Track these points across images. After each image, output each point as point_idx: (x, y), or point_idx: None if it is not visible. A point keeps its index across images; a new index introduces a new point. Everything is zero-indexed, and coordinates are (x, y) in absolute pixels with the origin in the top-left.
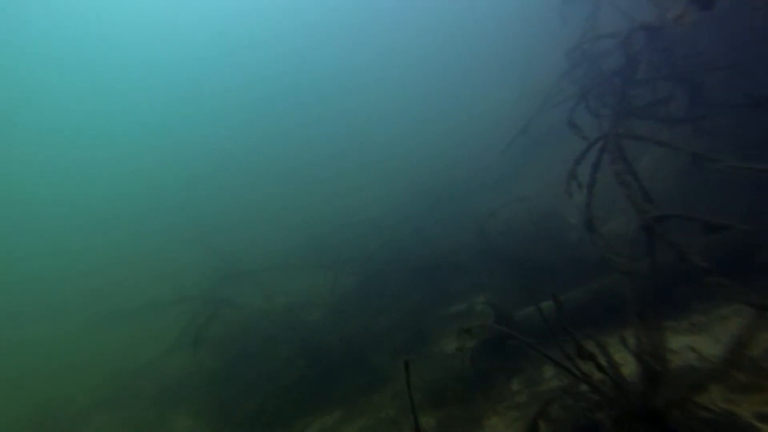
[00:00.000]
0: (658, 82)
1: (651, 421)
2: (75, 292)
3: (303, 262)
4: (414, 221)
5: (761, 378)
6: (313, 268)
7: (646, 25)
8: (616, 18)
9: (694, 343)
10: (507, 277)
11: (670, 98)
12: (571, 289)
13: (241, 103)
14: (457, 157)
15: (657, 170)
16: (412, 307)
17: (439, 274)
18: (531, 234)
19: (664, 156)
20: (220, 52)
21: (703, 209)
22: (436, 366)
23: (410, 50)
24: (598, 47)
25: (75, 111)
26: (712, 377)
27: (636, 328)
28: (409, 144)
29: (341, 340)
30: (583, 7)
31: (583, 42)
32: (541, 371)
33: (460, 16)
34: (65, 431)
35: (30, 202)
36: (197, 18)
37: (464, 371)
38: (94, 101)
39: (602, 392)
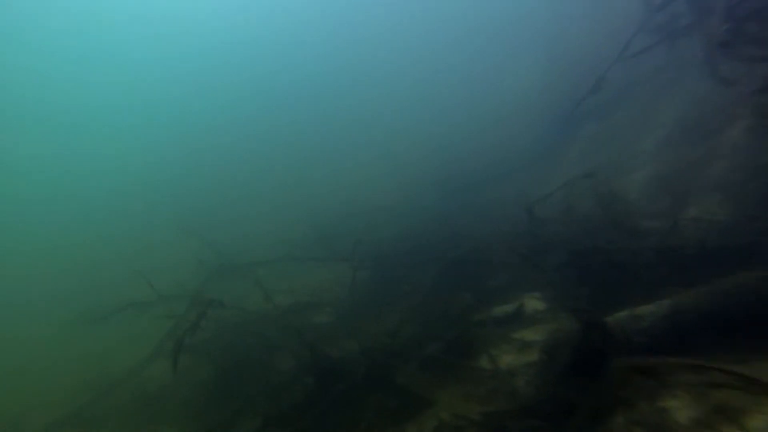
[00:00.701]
0: None
1: None
2: (47, 290)
3: (308, 255)
4: (435, 209)
5: None
6: (319, 261)
7: None
8: None
9: None
10: (566, 271)
11: None
12: (668, 291)
13: (246, 88)
14: (480, 140)
15: (751, 143)
16: (444, 309)
17: (472, 269)
18: (596, 220)
19: (757, 126)
20: (220, 41)
21: None
22: (491, 389)
23: (426, 27)
24: None
25: (54, 103)
26: None
27: None
28: (425, 127)
29: (363, 352)
30: None
31: None
32: (660, 406)
33: None
34: None
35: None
36: (198, 11)
37: (537, 400)
38: (81, 92)
39: None
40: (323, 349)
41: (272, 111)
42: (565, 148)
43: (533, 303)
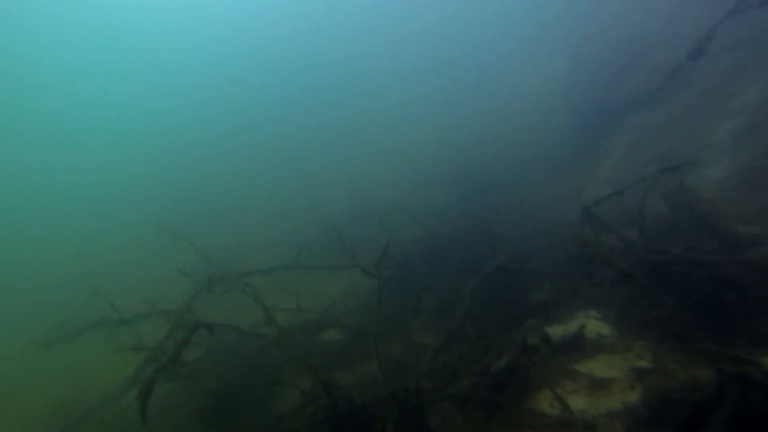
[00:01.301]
0: None
1: None
2: (29, 303)
3: (316, 262)
4: (455, 211)
5: None
6: (330, 269)
7: None
8: None
9: None
10: (636, 286)
11: None
12: None
13: (260, 94)
14: (504, 138)
15: None
16: (485, 330)
17: (507, 280)
18: (673, 223)
19: None
20: (234, 46)
21: None
22: None
23: (443, 20)
24: None
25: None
26: None
27: None
28: (443, 124)
29: (386, 385)
30: None
31: None
32: None
33: None
34: None
35: None
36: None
37: None
38: (79, 102)
39: None
40: (337, 379)
41: (284, 117)
42: (609, 141)
43: (594, 325)
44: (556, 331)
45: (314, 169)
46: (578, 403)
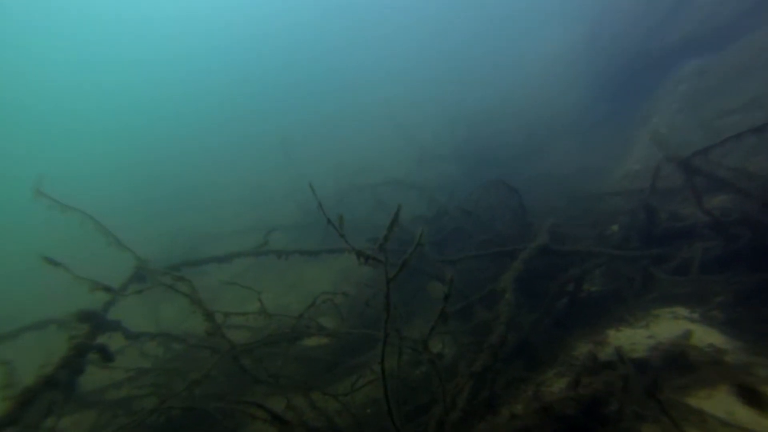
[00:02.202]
0: None
1: None
2: None
3: (294, 244)
4: (464, 185)
5: None
6: (311, 256)
7: None
8: None
9: None
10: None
11: None
12: None
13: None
14: (520, 109)
15: None
16: (519, 336)
17: (545, 267)
18: None
19: None
20: (217, 32)
21: None
22: None
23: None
24: None
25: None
26: None
27: None
28: (447, 98)
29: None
30: None
31: None
32: None
33: None
34: None
35: None
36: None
37: None
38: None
39: None
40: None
41: (279, 106)
42: (653, 100)
43: (697, 332)
44: (635, 338)
45: (304, 153)
46: None
